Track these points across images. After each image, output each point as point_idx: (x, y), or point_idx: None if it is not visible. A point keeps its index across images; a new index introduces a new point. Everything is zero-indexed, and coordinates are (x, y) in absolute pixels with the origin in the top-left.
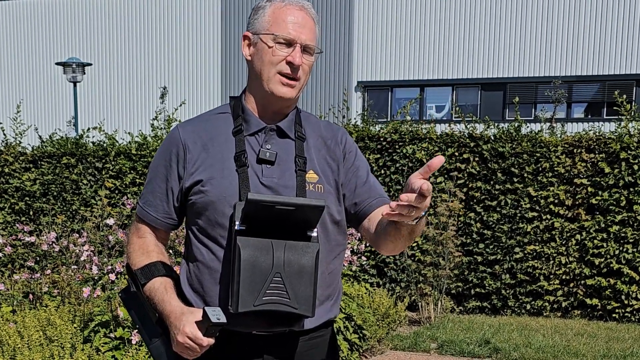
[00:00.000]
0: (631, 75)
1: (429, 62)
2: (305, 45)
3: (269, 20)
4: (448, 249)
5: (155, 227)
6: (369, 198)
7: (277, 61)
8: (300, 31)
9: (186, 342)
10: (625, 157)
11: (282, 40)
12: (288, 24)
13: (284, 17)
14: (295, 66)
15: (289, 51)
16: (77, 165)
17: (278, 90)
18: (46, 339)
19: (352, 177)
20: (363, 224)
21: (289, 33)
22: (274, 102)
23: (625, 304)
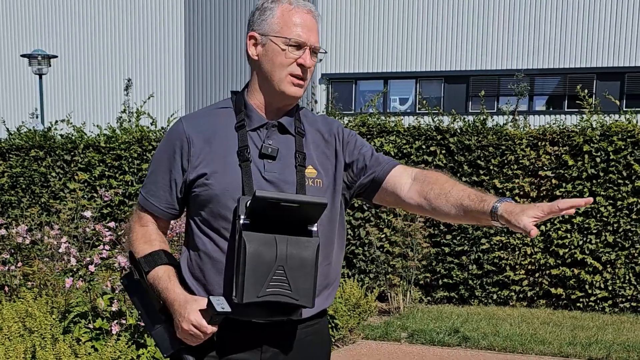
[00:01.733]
0: (591, 69)
1: (393, 54)
2: (314, 47)
3: (278, 22)
4: (416, 241)
5: (158, 216)
6: (379, 165)
7: (288, 63)
8: (309, 34)
9: (191, 330)
10: (588, 150)
11: (294, 43)
12: (298, 27)
13: (294, 19)
14: (305, 68)
15: (299, 53)
16: (45, 158)
17: (289, 91)
18: (26, 330)
19: (358, 156)
20: (385, 188)
21: (300, 36)
22: (282, 100)
23: (589, 293)
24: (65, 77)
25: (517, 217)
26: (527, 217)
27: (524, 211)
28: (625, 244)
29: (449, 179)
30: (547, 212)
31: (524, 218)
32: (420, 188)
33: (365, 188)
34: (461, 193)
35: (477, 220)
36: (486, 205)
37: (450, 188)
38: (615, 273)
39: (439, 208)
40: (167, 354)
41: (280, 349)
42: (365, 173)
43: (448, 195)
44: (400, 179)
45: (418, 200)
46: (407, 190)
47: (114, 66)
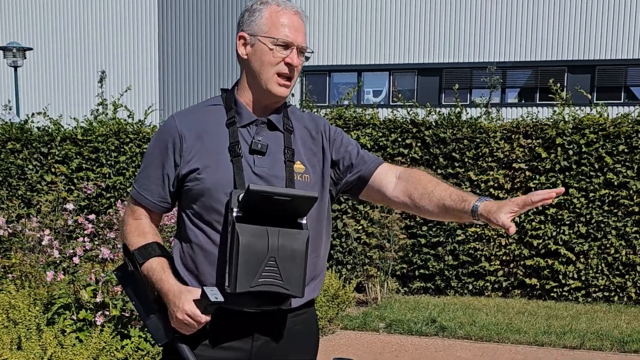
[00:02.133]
0: (562, 62)
1: (366, 47)
2: (301, 47)
3: (266, 22)
4: (393, 232)
5: (150, 210)
6: (365, 163)
7: (276, 62)
8: (296, 34)
9: (185, 319)
10: (561, 143)
11: (282, 43)
12: (285, 27)
13: (282, 20)
14: (292, 67)
15: (287, 53)
16: (22, 150)
17: (276, 90)
18: (10, 321)
19: (344, 154)
20: (371, 185)
21: (287, 36)
22: (269, 98)
23: (562, 283)
24: (41, 69)
25: (495, 215)
26: (504, 213)
27: (500, 208)
28: (598, 234)
29: (432, 179)
30: (522, 206)
31: (502, 215)
32: (405, 187)
33: (352, 185)
34: (443, 193)
35: (459, 218)
36: (467, 205)
37: (432, 188)
38: (588, 263)
39: (422, 207)
40: (161, 343)
41: (270, 337)
42: (351, 171)
43: (431, 195)
44: (385, 177)
45: (403, 199)
46: (393, 189)
47: (89, 58)
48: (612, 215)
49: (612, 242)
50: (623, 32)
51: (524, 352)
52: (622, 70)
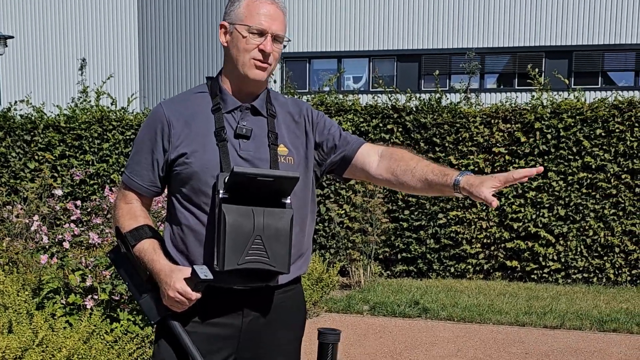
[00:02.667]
0: (540, 47)
1: (346, 33)
2: (276, 35)
3: (243, 12)
4: (375, 216)
5: (141, 194)
6: (349, 144)
7: (251, 49)
8: (272, 22)
9: (177, 297)
10: (540, 127)
11: (255, 30)
12: (261, 16)
13: (257, 9)
14: (266, 53)
15: (261, 40)
16: (5, 138)
17: (252, 74)
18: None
19: (328, 136)
20: (355, 164)
21: (261, 24)
22: (248, 83)
23: (542, 265)
24: (22, 57)
25: (477, 189)
26: (486, 188)
27: (483, 183)
28: (577, 217)
29: (413, 156)
30: (504, 182)
31: (484, 189)
32: (388, 165)
33: (336, 165)
34: (425, 169)
35: (441, 192)
36: (449, 179)
37: (415, 164)
38: (567, 245)
39: (406, 183)
40: (154, 321)
41: (259, 313)
42: (335, 152)
43: (413, 170)
44: (368, 156)
45: (386, 176)
46: (376, 167)
47: (69, 46)
48: (590, 198)
49: (591, 225)
50: (599, 18)
51: (505, 332)
52: (599, 55)
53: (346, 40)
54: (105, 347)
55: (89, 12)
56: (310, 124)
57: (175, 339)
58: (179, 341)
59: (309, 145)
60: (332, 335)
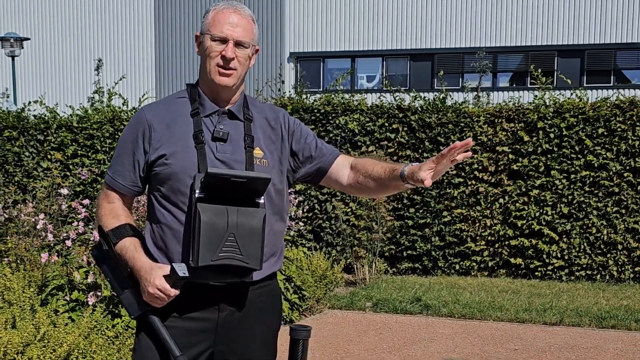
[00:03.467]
0: (552, 46)
1: (360, 33)
2: (238, 41)
3: (209, 22)
4: (380, 214)
5: (123, 193)
6: (324, 156)
7: (214, 56)
8: (233, 30)
9: (156, 293)
10: (542, 127)
11: (217, 38)
12: (223, 25)
13: (220, 19)
14: (227, 59)
15: (223, 47)
16: (19, 137)
17: (218, 79)
18: (5, 302)
19: (304, 145)
20: (329, 176)
21: (222, 32)
22: (218, 89)
23: (546, 262)
24: (38, 58)
25: (417, 174)
26: (423, 171)
27: (421, 167)
28: (580, 215)
29: (374, 162)
30: (437, 161)
31: (421, 172)
32: (355, 176)
33: (311, 177)
34: (380, 170)
35: (396, 188)
36: (396, 173)
37: (372, 169)
38: (570, 243)
39: (367, 188)
40: (134, 315)
41: (235, 308)
42: (311, 162)
43: (371, 174)
44: (342, 169)
45: (354, 186)
46: (346, 179)
47: (85, 47)
48: (593, 196)
49: (594, 222)
50: (612, 16)
51: (504, 328)
52: (611, 53)
53: (360, 39)
54: (106, 342)
55: (105, 13)
56: (286, 130)
57: (154, 333)
58: (158, 335)
59: (284, 150)
60: (303, 332)
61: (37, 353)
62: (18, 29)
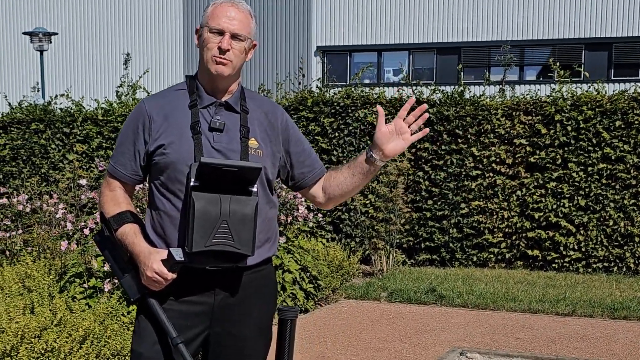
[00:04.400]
0: (580, 39)
1: (387, 26)
2: (234, 33)
3: (209, 15)
4: (398, 206)
5: (124, 182)
6: (314, 169)
7: (212, 47)
8: (230, 22)
9: (154, 277)
10: (560, 119)
11: (215, 30)
12: (221, 18)
13: (218, 12)
14: (223, 50)
15: (219, 39)
16: (45, 130)
17: (214, 68)
18: (25, 289)
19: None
20: (310, 190)
21: (219, 25)
22: (215, 79)
23: (563, 254)
24: (65, 53)
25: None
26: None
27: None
28: (597, 207)
29: (336, 168)
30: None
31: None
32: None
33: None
34: (343, 169)
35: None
36: (362, 157)
37: (336, 173)
38: (587, 235)
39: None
40: (134, 298)
41: (230, 292)
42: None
43: (337, 177)
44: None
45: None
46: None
47: (113, 42)
48: (610, 189)
49: (611, 214)
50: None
51: (517, 318)
52: (638, 46)
53: (386, 33)
54: (120, 328)
55: (133, 8)
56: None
57: (153, 316)
58: (156, 317)
59: (278, 145)
60: (290, 312)
61: (53, 337)
62: (46, 24)
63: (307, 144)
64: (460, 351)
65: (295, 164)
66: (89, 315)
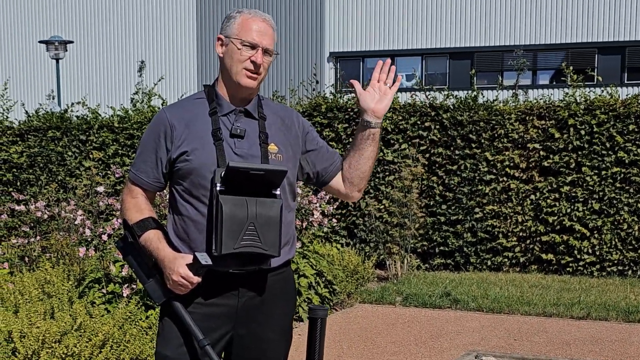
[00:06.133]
0: (592, 43)
1: (399, 32)
2: (266, 48)
3: (238, 27)
4: (412, 211)
5: (146, 189)
6: (334, 161)
7: (243, 60)
8: (262, 37)
9: (180, 281)
10: (573, 124)
11: (248, 44)
12: (253, 32)
13: (250, 26)
14: (257, 64)
15: (253, 52)
16: (62, 138)
17: (244, 82)
18: (45, 294)
19: (316, 147)
20: (334, 181)
21: (254, 39)
22: (241, 90)
23: (578, 258)
24: (81, 61)
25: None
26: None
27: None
28: (611, 210)
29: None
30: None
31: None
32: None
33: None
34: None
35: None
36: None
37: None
38: (602, 239)
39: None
40: (159, 302)
41: (253, 294)
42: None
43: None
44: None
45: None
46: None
47: (128, 49)
48: (624, 192)
49: (625, 218)
50: None
51: (531, 322)
52: None
53: (399, 38)
54: (139, 332)
55: (148, 16)
56: (299, 129)
57: (178, 318)
58: (181, 320)
59: (297, 147)
60: (320, 311)
61: (73, 342)
62: (62, 32)
63: (321, 141)
64: (475, 354)
65: (317, 162)
66: (108, 320)
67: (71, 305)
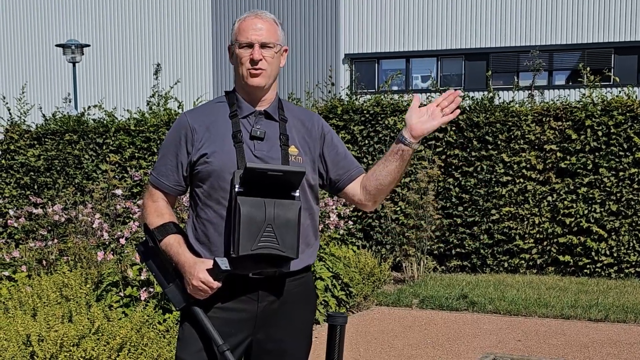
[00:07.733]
0: (609, 44)
1: (414, 33)
2: (263, 43)
3: (236, 33)
4: (429, 213)
5: (167, 192)
6: (350, 170)
7: (244, 61)
8: (257, 34)
9: (200, 286)
10: (590, 125)
11: (244, 44)
12: (248, 31)
13: (244, 27)
14: (255, 60)
15: (250, 51)
16: (79, 141)
17: (251, 81)
18: (62, 298)
19: (333, 153)
20: (347, 190)
21: (247, 38)
22: (252, 91)
23: (595, 260)
24: (97, 64)
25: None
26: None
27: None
28: (628, 212)
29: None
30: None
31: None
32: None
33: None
34: (379, 161)
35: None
36: (394, 144)
37: (373, 167)
38: (619, 240)
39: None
40: (179, 307)
41: (273, 299)
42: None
43: (374, 169)
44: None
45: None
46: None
47: (144, 52)
48: None
49: None
50: None
51: (549, 324)
52: None
53: (414, 40)
54: (157, 336)
55: (164, 19)
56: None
57: (197, 323)
58: (201, 325)
59: (317, 150)
60: (340, 318)
61: (91, 345)
62: (79, 36)
63: (342, 147)
64: (493, 357)
65: (330, 167)
66: (126, 324)
67: (89, 308)
